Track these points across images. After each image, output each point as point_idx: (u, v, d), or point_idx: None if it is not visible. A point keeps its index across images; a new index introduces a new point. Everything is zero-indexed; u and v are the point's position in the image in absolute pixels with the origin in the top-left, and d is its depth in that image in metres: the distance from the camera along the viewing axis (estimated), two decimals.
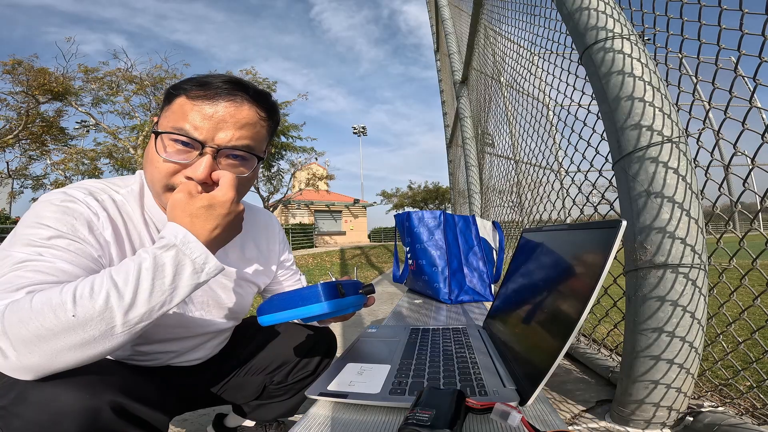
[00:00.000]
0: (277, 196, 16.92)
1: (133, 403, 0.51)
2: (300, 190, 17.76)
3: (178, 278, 0.47)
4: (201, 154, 0.55)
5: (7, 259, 0.47)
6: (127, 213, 0.61)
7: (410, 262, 1.49)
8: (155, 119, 0.63)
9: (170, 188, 0.57)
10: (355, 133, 38.57)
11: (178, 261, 0.47)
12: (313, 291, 0.55)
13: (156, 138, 0.56)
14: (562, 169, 1.52)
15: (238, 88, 0.58)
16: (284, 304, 0.55)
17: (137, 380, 0.53)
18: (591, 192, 1.19)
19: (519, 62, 1.81)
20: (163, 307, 0.46)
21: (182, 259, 0.47)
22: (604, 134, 0.89)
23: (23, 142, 12.64)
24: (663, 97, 0.78)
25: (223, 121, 0.56)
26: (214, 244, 0.51)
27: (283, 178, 16.09)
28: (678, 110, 0.80)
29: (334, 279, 0.63)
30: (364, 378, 0.54)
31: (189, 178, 0.55)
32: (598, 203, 1.15)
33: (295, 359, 0.86)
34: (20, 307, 0.42)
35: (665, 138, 0.75)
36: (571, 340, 0.40)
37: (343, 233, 25.05)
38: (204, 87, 0.56)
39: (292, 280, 0.90)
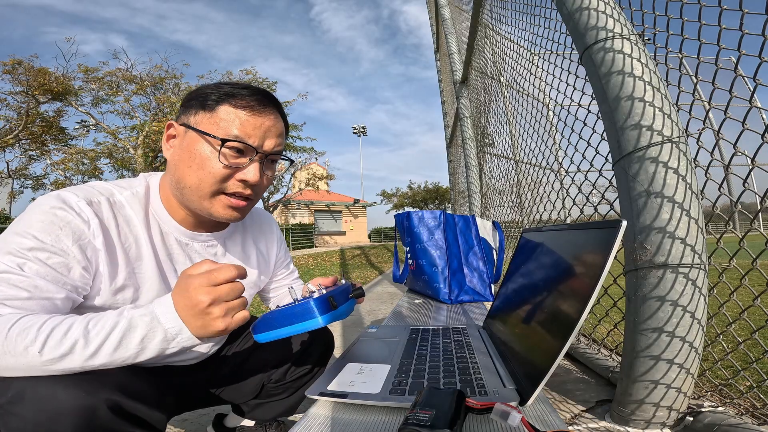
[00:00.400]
0: (277, 196, 16.92)
1: (131, 402, 0.51)
2: (300, 190, 17.76)
3: (147, 341, 0.49)
4: (251, 160, 0.61)
5: None
6: (125, 216, 0.61)
7: (410, 262, 1.49)
8: (173, 124, 0.64)
9: (220, 192, 0.61)
10: (355, 133, 38.54)
11: (150, 327, 0.49)
12: (306, 307, 0.54)
13: (222, 145, 0.59)
14: (562, 169, 1.52)
15: (272, 100, 0.64)
16: (279, 322, 0.55)
17: (134, 379, 0.53)
18: (591, 192, 1.19)
19: (519, 62, 1.81)
20: (126, 361, 0.49)
21: (155, 326, 0.49)
22: (604, 134, 0.89)
23: (23, 142, 12.63)
24: (663, 97, 0.78)
25: (269, 130, 0.63)
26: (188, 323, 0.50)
27: (283, 178, 16.09)
28: (678, 110, 0.80)
29: (324, 291, 0.61)
30: (364, 378, 0.54)
31: (242, 181, 0.61)
32: (598, 203, 1.15)
33: (292, 357, 0.86)
34: None
35: (665, 138, 0.75)
36: (571, 340, 0.40)
37: (343, 233, 25.04)
38: (247, 98, 0.61)
39: (289, 279, 0.92)
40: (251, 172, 0.61)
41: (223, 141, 0.59)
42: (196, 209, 0.64)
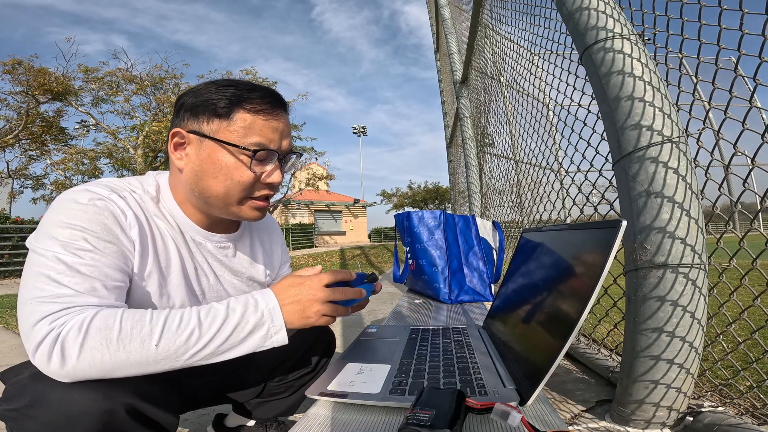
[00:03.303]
0: (277, 196, 16.90)
1: (146, 405, 0.51)
2: (300, 190, 17.73)
3: (250, 337, 0.52)
4: (273, 163, 0.63)
5: (49, 263, 0.48)
6: (148, 211, 0.62)
7: (410, 262, 1.49)
8: (180, 131, 0.61)
9: (247, 198, 0.62)
10: (355, 133, 38.51)
11: (260, 323, 0.53)
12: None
13: (253, 156, 0.59)
14: (562, 169, 1.52)
15: (280, 99, 0.64)
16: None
17: (148, 382, 0.53)
18: (591, 192, 1.19)
19: (519, 62, 1.81)
20: (222, 354, 0.51)
21: (263, 322, 0.53)
22: (604, 134, 0.89)
23: (23, 142, 12.61)
24: (663, 97, 0.78)
25: (284, 132, 0.64)
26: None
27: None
28: (678, 110, 0.80)
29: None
30: (364, 378, 0.54)
31: (268, 184, 0.63)
32: (598, 203, 1.15)
33: (294, 356, 0.86)
34: (107, 327, 0.45)
35: (665, 138, 0.75)
36: (571, 340, 0.40)
37: (343, 233, 25.03)
38: (259, 101, 0.61)
39: None
40: (277, 175, 0.63)
41: (254, 152, 0.59)
42: (221, 215, 0.64)
